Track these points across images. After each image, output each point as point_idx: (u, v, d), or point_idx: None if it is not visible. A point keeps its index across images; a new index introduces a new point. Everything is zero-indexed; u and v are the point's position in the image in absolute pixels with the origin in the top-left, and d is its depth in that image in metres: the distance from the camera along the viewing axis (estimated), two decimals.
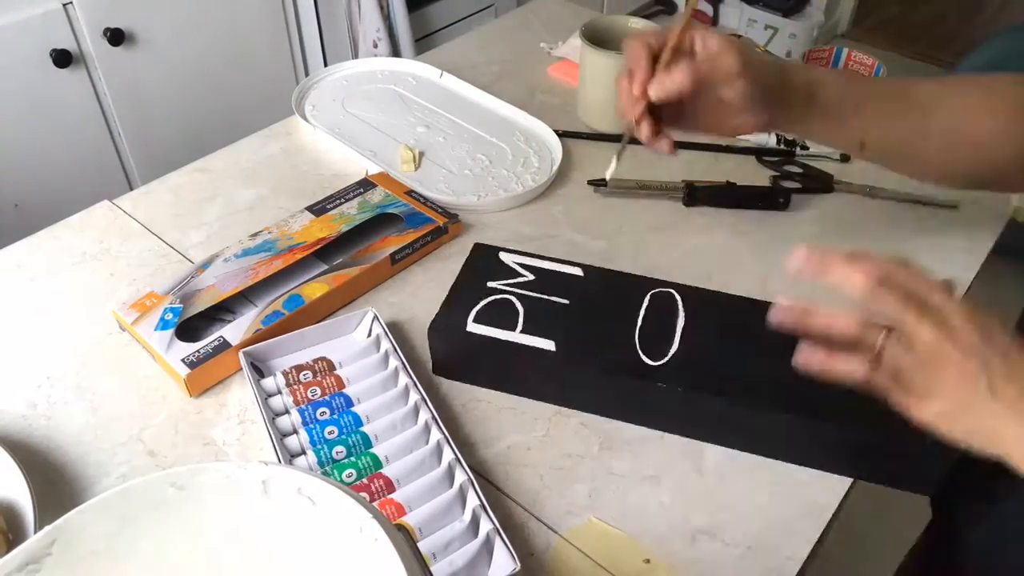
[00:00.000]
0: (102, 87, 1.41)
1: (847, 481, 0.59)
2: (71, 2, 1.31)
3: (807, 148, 0.91)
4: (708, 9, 2.94)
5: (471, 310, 0.63)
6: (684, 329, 0.62)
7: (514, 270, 0.67)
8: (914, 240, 0.80)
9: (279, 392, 0.62)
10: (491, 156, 0.89)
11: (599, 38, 0.90)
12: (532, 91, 1.02)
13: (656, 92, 0.57)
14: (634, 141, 0.62)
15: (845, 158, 0.90)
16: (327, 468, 0.56)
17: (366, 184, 0.80)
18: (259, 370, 0.64)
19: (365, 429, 0.59)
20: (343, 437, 0.58)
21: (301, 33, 1.71)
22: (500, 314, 0.63)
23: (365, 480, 0.55)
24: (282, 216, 0.79)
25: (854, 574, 1.44)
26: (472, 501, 0.54)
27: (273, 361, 0.65)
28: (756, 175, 0.88)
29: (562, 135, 0.91)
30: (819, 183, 0.86)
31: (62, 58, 1.31)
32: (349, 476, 0.56)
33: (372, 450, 0.57)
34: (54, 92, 1.35)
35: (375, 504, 0.53)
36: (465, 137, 0.92)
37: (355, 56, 1.78)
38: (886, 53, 2.76)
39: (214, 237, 0.78)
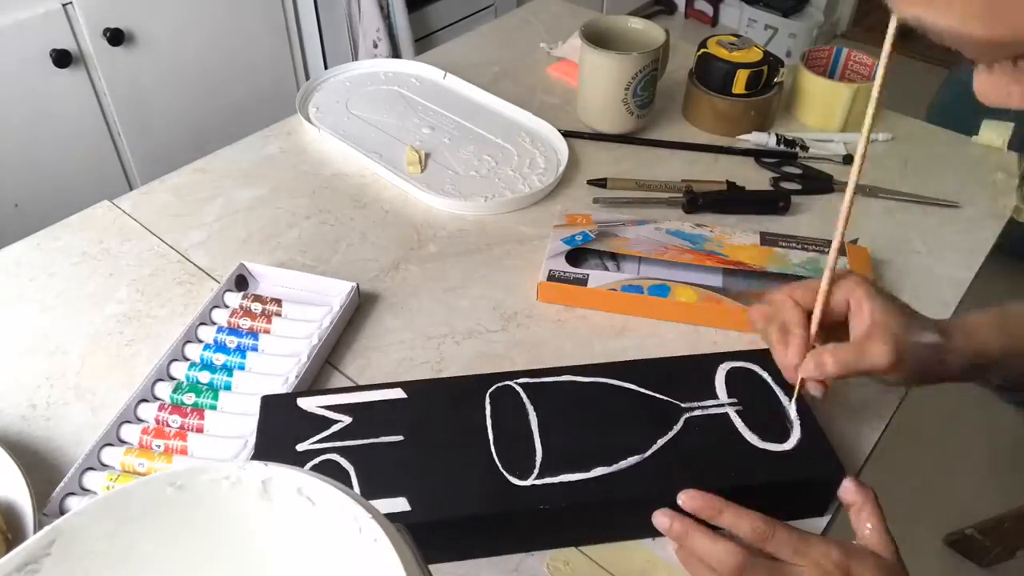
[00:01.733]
0: (102, 87, 1.41)
1: None
2: (71, 2, 1.31)
3: (807, 149, 0.91)
4: (708, 9, 2.94)
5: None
6: (540, 428, 0.54)
7: (323, 418, 0.55)
8: (914, 240, 0.80)
9: (227, 307, 0.69)
10: (497, 157, 0.89)
11: (599, 38, 0.90)
12: (532, 91, 1.02)
13: (804, 374, 0.54)
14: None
15: (847, 159, 0.90)
16: (181, 383, 0.63)
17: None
18: (246, 282, 0.72)
19: (234, 378, 0.63)
20: (217, 369, 0.64)
21: (301, 33, 1.71)
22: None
23: (189, 409, 0.60)
24: (282, 216, 0.79)
25: None
26: None
27: (263, 283, 0.73)
28: (756, 176, 0.88)
29: (562, 135, 0.90)
30: (819, 184, 0.86)
31: (62, 58, 1.31)
32: (189, 399, 0.61)
33: (222, 394, 0.62)
34: (54, 92, 1.35)
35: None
36: (471, 138, 0.92)
37: (355, 56, 1.78)
38: None
39: (214, 237, 0.78)
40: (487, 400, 0.56)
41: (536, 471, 0.52)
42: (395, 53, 1.78)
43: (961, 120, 0.98)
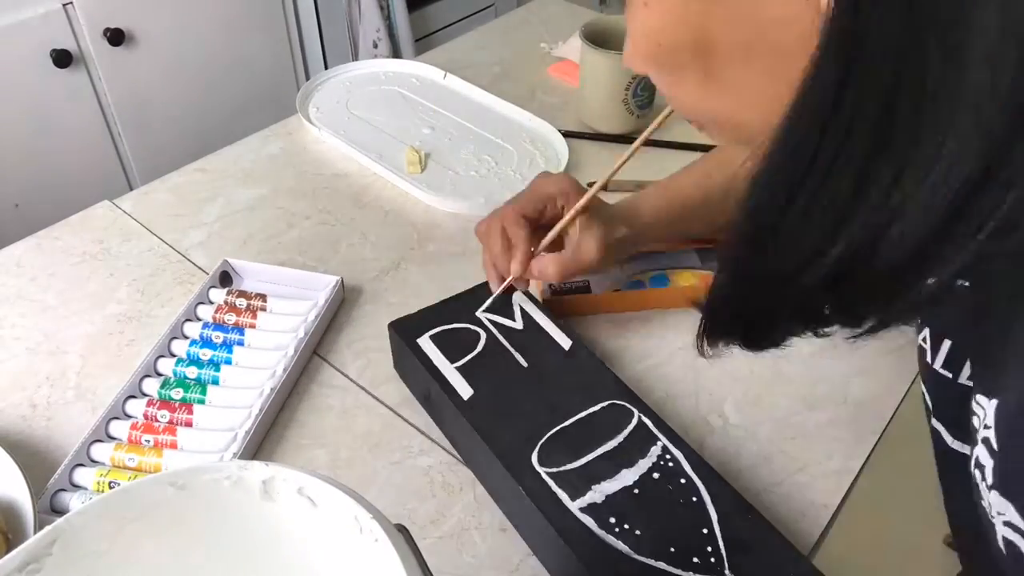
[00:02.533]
0: (102, 87, 1.41)
1: (847, 481, 0.59)
2: (71, 2, 1.31)
3: None
4: None
5: (435, 327, 0.62)
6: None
7: (511, 310, 0.64)
8: None
9: (212, 303, 0.70)
10: (497, 157, 0.89)
11: (599, 38, 0.90)
12: (532, 91, 1.02)
13: (531, 277, 0.63)
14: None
15: None
16: (168, 379, 0.63)
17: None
18: (231, 278, 0.73)
19: (222, 372, 0.63)
20: (205, 364, 0.64)
21: (301, 33, 1.71)
22: (456, 343, 0.61)
23: (177, 404, 0.61)
24: (282, 216, 0.79)
25: (856, 573, 1.44)
26: None
27: (249, 280, 0.73)
28: None
29: (562, 135, 0.90)
30: None
31: (62, 58, 1.31)
32: (177, 394, 0.62)
33: (210, 388, 0.62)
34: (54, 92, 1.35)
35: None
36: (471, 138, 0.92)
37: (355, 56, 1.78)
38: None
39: (214, 237, 0.78)
40: (602, 404, 0.57)
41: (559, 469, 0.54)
42: (395, 53, 1.78)
43: None
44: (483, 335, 0.62)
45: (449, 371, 0.59)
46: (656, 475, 0.51)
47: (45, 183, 1.39)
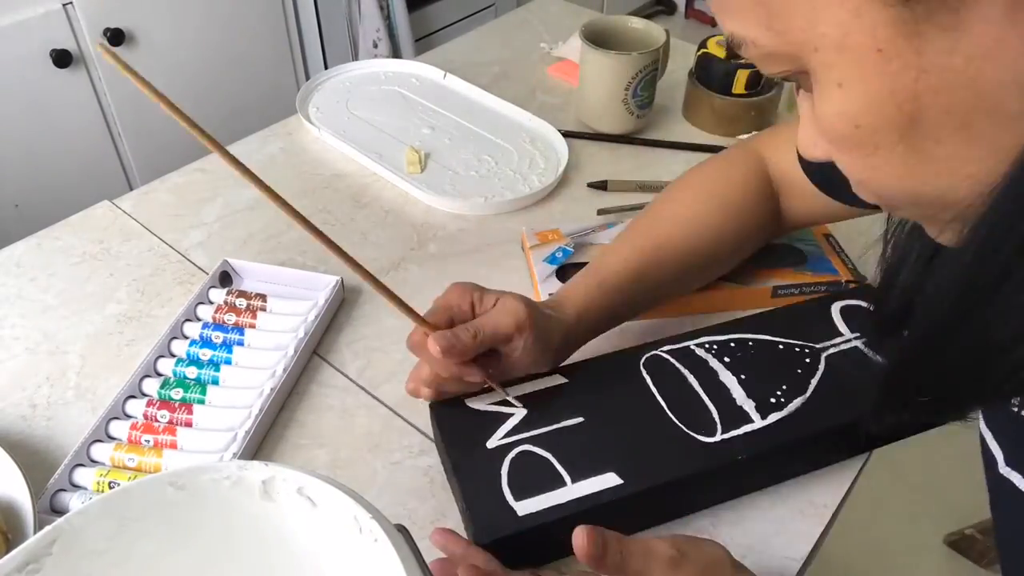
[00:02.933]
0: (102, 87, 1.41)
1: (847, 481, 0.59)
2: (71, 2, 1.31)
3: None
4: (708, 9, 2.94)
5: (505, 487, 0.52)
6: (704, 387, 0.57)
7: (498, 413, 0.56)
8: None
9: (211, 303, 0.69)
10: (497, 157, 0.89)
11: (599, 38, 0.90)
12: (532, 91, 1.02)
13: (444, 352, 0.52)
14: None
15: None
16: (168, 379, 0.63)
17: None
18: (230, 278, 0.72)
19: (222, 372, 0.63)
20: (205, 364, 0.64)
21: (301, 33, 1.71)
22: (532, 473, 0.52)
23: (177, 404, 0.61)
24: (282, 216, 0.79)
25: (856, 573, 1.44)
26: None
27: (248, 280, 0.73)
28: None
29: (562, 135, 0.90)
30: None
31: (62, 58, 1.31)
32: (177, 394, 0.61)
33: (210, 388, 0.62)
34: (54, 92, 1.35)
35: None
36: (470, 138, 0.92)
37: (355, 56, 1.78)
38: None
39: (214, 237, 0.79)
40: (643, 371, 0.58)
41: (719, 427, 0.54)
42: (395, 53, 1.78)
43: None
44: (531, 446, 0.54)
45: (576, 488, 0.52)
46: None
47: (45, 183, 1.39)
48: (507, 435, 0.55)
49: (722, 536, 0.55)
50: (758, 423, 0.54)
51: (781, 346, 0.60)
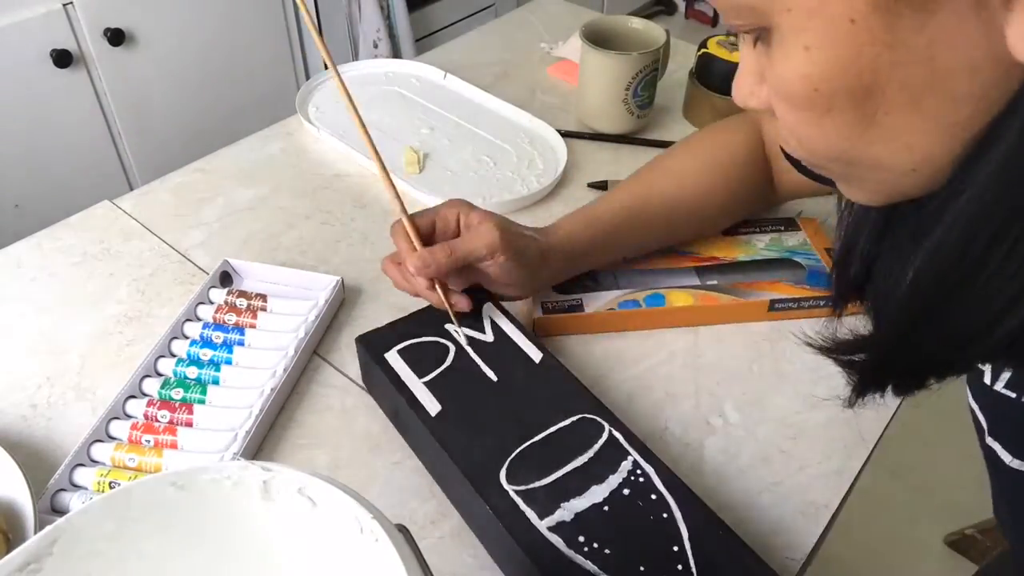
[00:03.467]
0: (102, 87, 1.41)
1: (847, 481, 0.59)
2: (71, 2, 1.31)
3: None
4: (708, 9, 2.94)
5: (404, 340, 0.61)
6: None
7: (481, 323, 0.62)
8: None
9: (212, 303, 0.70)
10: (495, 158, 0.89)
11: (599, 38, 0.90)
12: (532, 91, 1.02)
13: (419, 271, 0.58)
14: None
15: None
16: (169, 379, 0.63)
17: (789, 223, 0.76)
18: (231, 278, 0.73)
19: (222, 372, 0.63)
20: (205, 364, 0.64)
21: (301, 33, 1.71)
22: (424, 357, 0.60)
23: (177, 404, 0.61)
24: (283, 216, 0.79)
25: (856, 573, 1.44)
26: None
27: (249, 280, 0.74)
28: None
29: (562, 135, 0.91)
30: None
31: (62, 58, 1.32)
32: (177, 394, 0.62)
33: (210, 388, 0.62)
34: (54, 92, 1.35)
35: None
36: (469, 139, 0.92)
37: (355, 56, 1.78)
38: None
39: (214, 237, 0.79)
40: (581, 417, 0.56)
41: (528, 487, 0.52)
42: (395, 53, 1.78)
43: None
44: (452, 348, 0.60)
45: (417, 386, 0.57)
46: (626, 491, 0.51)
47: (45, 183, 1.39)
48: (460, 329, 0.61)
49: None
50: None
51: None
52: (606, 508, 0.50)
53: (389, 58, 1.61)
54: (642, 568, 0.47)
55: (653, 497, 0.50)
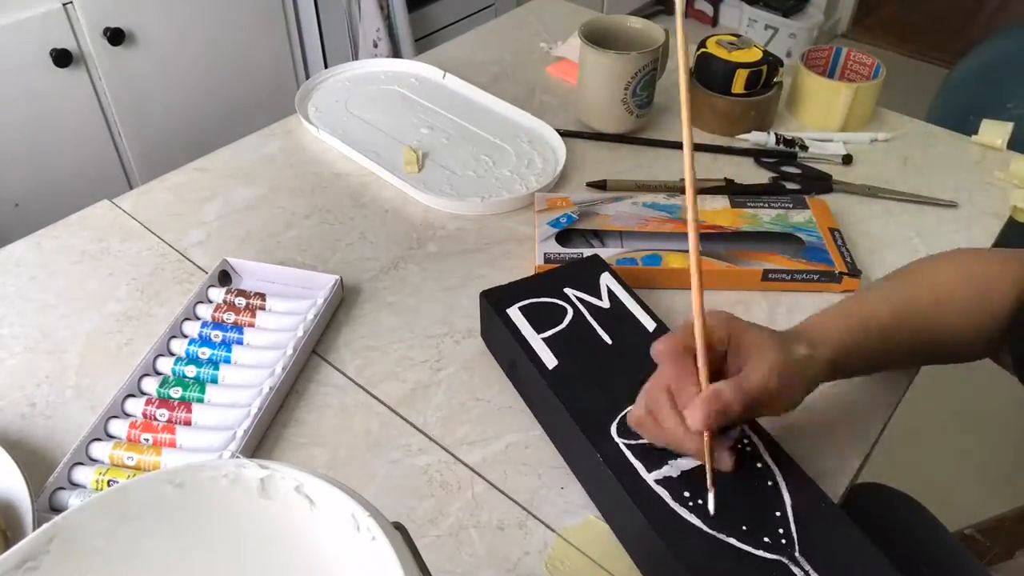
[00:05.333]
0: (102, 87, 1.41)
1: (847, 481, 0.59)
2: (71, 2, 1.31)
3: (806, 149, 0.91)
4: (708, 9, 2.94)
5: (524, 299, 0.64)
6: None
7: (599, 289, 0.65)
8: (913, 239, 0.80)
9: (211, 302, 0.70)
10: (495, 157, 0.89)
11: (598, 37, 0.90)
12: (532, 91, 1.02)
13: (708, 421, 0.48)
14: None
15: (847, 160, 0.90)
16: (167, 378, 0.63)
17: (799, 201, 0.78)
18: (230, 277, 0.73)
19: (221, 371, 0.63)
20: (204, 363, 0.64)
21: (301, 33, 1.71)
22: (543, 316, 0.63)
23: (176, 403, 0.61)
24: (282, 215, 0.79)
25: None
26: None
27: (248, 279, 0.74)
28: (755, 175, 0.88)
29: (561, 135, 0.91)
30: (818, 184, 0.86)
31: (62, 58, 1.31)
32: (176, 393, 0.62)
33: (209, 387, 0.62)
34: (54, 92, 1.35)
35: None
36: (468, 138, 0.92)
37: (355, 56, 1.78)
38: (886, 53, 2.76)
39: (213, 236, 0.79)
40: None
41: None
42: (395, 53, 1.78)
43: (961, 120, 0.98)
44: (570, 311, 0.63)
45: (536, 341, 0.61)
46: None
47: (45, 183, 1.39)
48: (581, 295, 0.65)
49: None
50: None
51: None
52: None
53: (389, 57, 1.61)
54: (744, 527, 0.48)
55: (759, 466, 0.52)
